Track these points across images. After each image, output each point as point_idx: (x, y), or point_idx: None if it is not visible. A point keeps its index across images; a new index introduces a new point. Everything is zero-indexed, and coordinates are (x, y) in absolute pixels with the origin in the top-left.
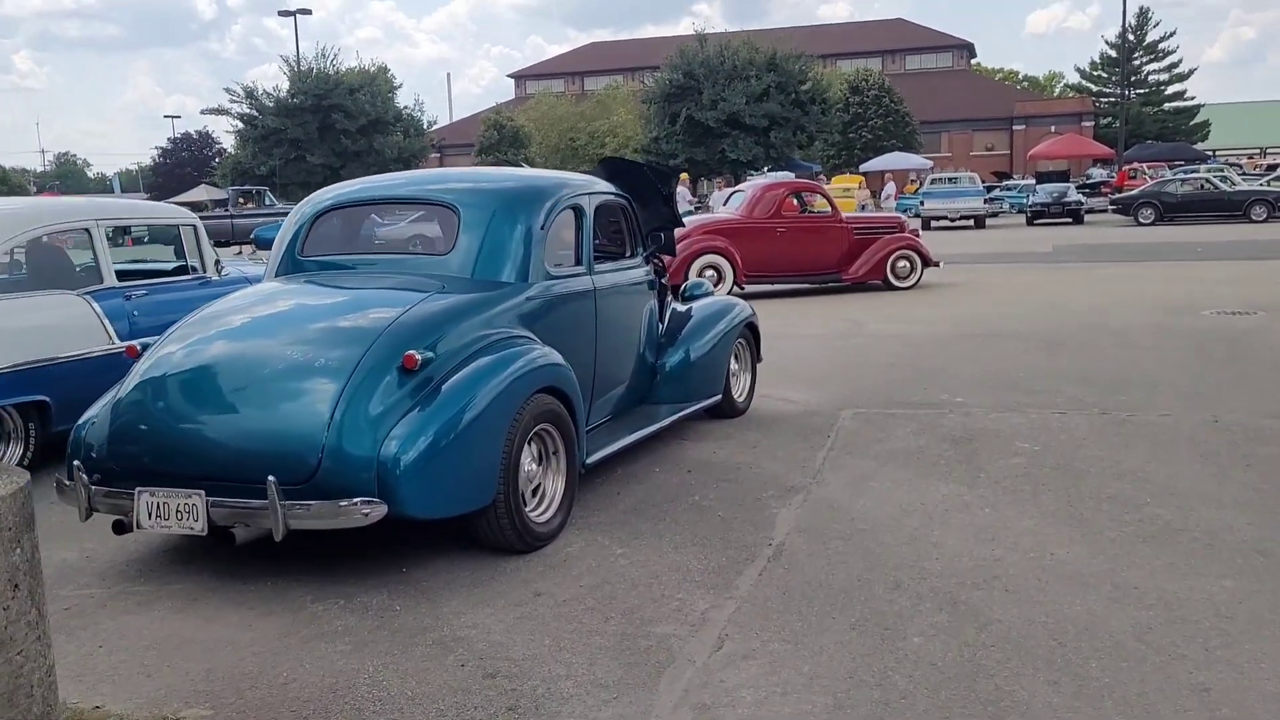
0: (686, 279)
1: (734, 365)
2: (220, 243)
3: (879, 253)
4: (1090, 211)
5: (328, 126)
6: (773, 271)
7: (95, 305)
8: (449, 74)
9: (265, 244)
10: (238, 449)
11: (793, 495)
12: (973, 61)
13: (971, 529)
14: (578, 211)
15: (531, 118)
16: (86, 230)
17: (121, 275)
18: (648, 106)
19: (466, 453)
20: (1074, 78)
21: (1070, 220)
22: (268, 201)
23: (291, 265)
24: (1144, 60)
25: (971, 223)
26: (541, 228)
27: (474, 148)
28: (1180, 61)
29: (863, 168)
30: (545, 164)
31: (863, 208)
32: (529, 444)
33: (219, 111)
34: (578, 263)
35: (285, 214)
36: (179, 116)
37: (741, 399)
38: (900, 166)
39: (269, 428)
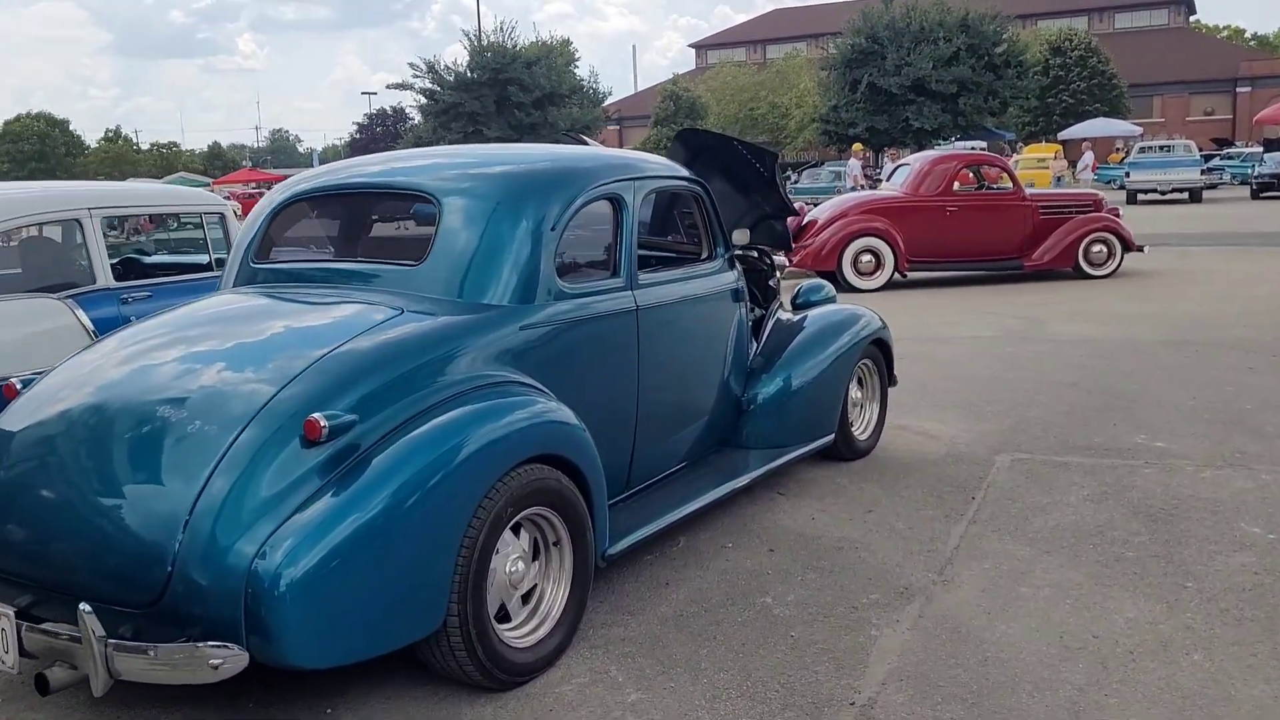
0: (840, 266)
1: (856, 393)
2: None
3: (1069, 235)
4: None
5: (504, 100)
6: (941, 256)
7: (79, 312)
8: (634, 46)
9: None
10: (67, 553)
11: (905, 604)
12: (1191, 19)
13: (1170, 694)
14: (616, 204)
15: (710, 88)
16: (77, 221)
17: (152, 270)
18: (827, 74)
19: (393, 564)
20: None
21: None
22: None
23: (245, 274)
24: None
25: (1186, 196)
26: (552, 227)
27: (649, 119)
28: None
29: (1061, 135)
30: None
31: (1059, 180)
32: (518, 533)
33: (402, 86)
34: (613, 273)
35: None
36: (375, 93)
37: (865, 436)
38: (1103, 134)
39: (108, 524)
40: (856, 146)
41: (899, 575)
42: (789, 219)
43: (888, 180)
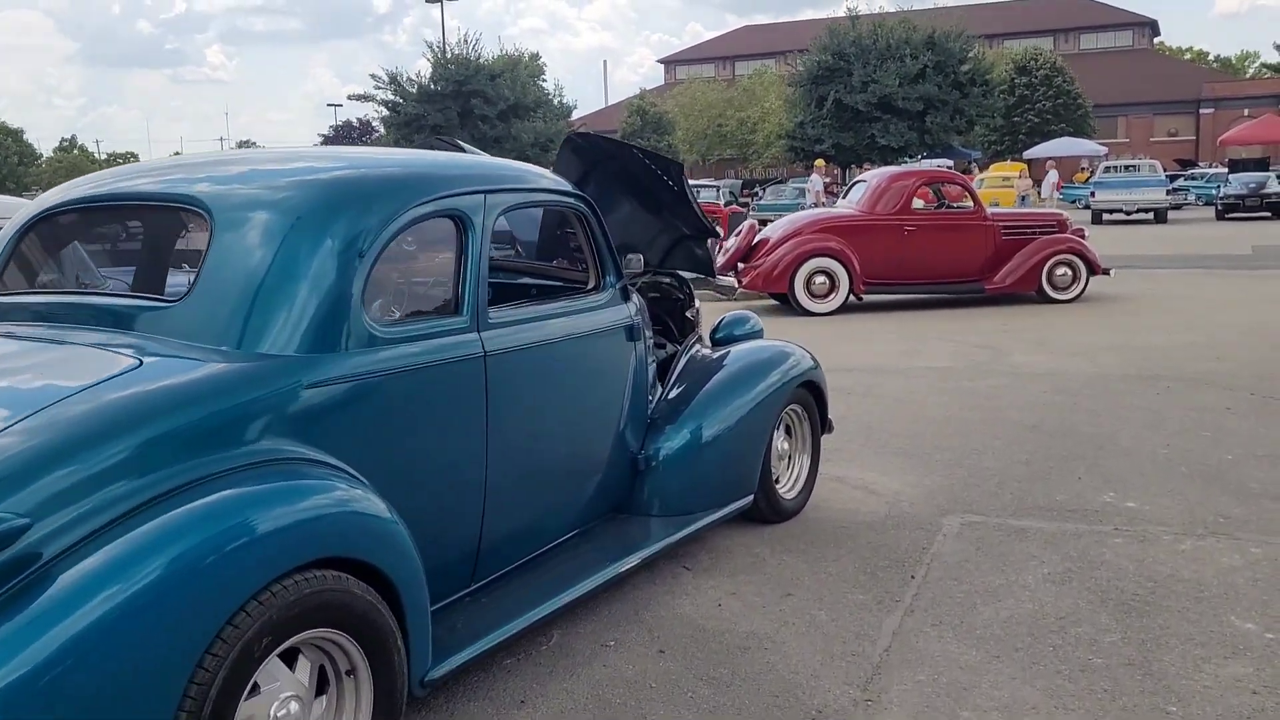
0: (792, 288)
1: (782, 444)
2: None
3: (1033, 257)
4: None
5: (468, 112)
6: (898, 278)
7: None
8: (605, 61)
9: None
10: None
11: None
12: (1155, 40)
13: None
14: (460, 223)
15: (679, 103)
16: None
17: None
18: (793, 90)
19: None
20: (1271, 56)
21: (1270, 215)
22: None
23: None
24: None
25: (1151, 216)
26: (362, 253)
27: (616, 133)
28: None
29: (1027, 154)
30: (690, 151)
31: (1023, 199)
32: (294, 662)
33: (364, 98)
34: (454, 310)
35: None
36: (340, 105)
37: (793, 494)
38: (1069, 153)
39: None
40: (819, 162)
41: (813, 690)
42: (711, 240)
43: (844, 198)
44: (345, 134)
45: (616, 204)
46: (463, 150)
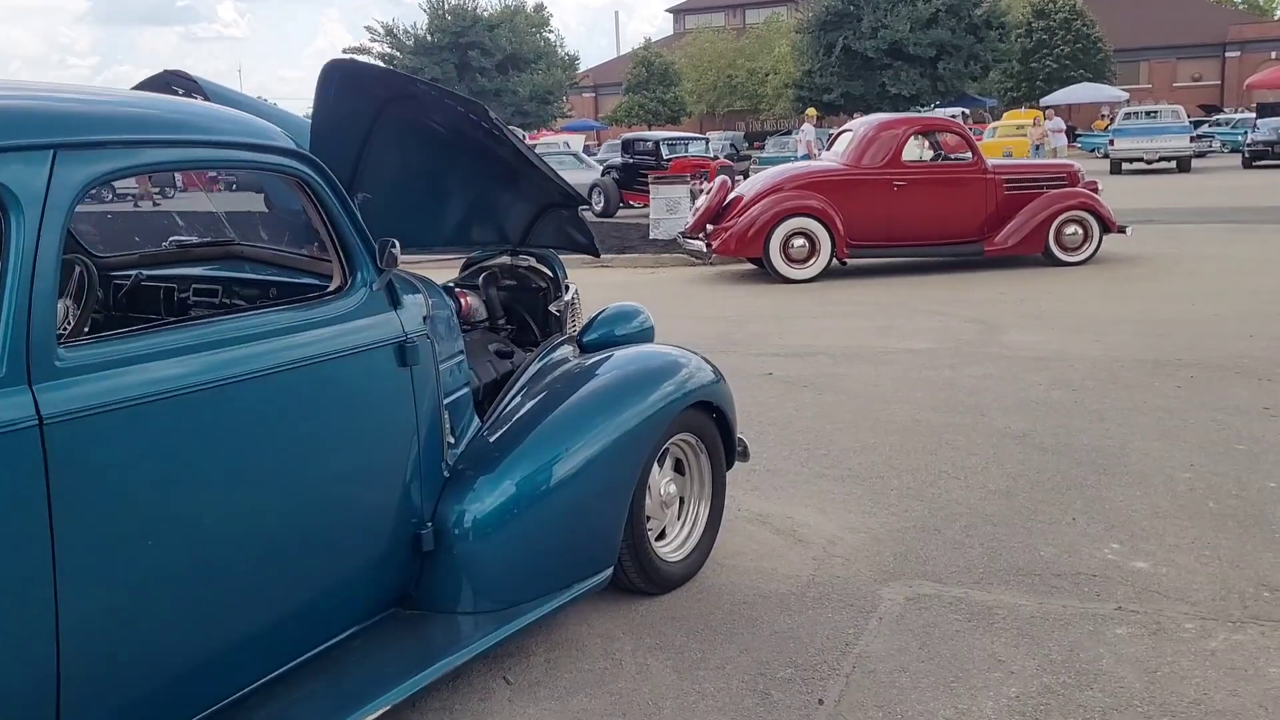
0: (767, 252)
1: (668, 486)
2: None
3: (1038, 215)
4: None
5: (465, 65)
6: (886, 240)
7: None
8: (617, 12)
9: None
10: None
11: None
12: None
13: None
14: None
15: (688, 54)
16: None
17: None
18: (801, 37)
19: None
20: None
21: None
22: None
23: None
24: None
25: (1174, 165)
26: None
27: (622, 86)
28: None
29: (1044, 101)
30: (698, 103)
31: (1037, 149)
32: None
33: (359, 51)
34: None
35: None
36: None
37: (680, 555)
38: (1088, 100)
39: None
40: (809, 111)
41: None
42: (583, 208)
43: (828, 149)
44: None
45: (433, 164)
46: (191, 91)
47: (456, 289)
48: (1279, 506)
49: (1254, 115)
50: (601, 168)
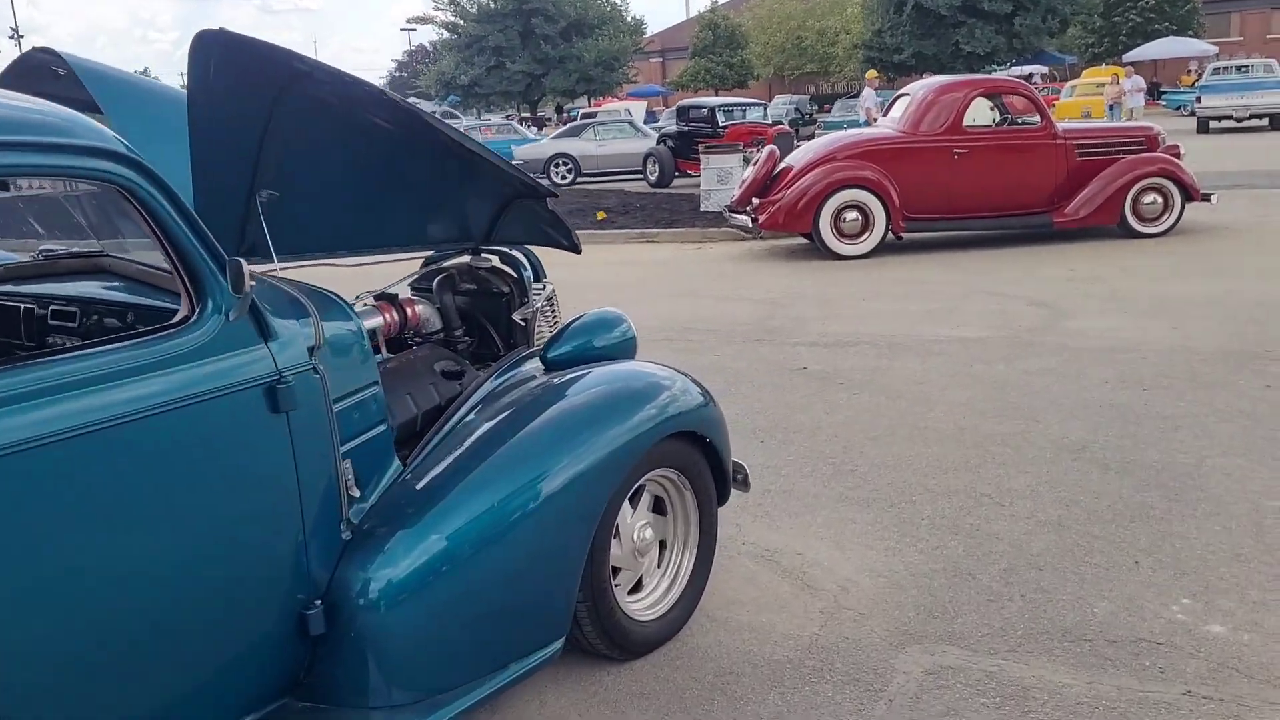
0: (818, 226)
1: (642, 530)
2: None
3: (1114, 183)
4: None
5: (529, 32)
6: (946, 212)
7: None
8: None
9: None
10: None
11: None
12: None
13: None
14: None
15: (755, 16)
16: None
17: None
18: None
19: None
20: None
21: None
22: None
23: None
24: None
25: (1266, 123)
26: None
27: (688, 50)
28: None
29: (1127, 57)
30: (766, 65)
31: (1111, 108)
32: None
33: (423, 20)
34: None
35: None
36: (415, 29)
37: (655, 613)
38: (1175, 54)
39: None
40: (870, 73)
41: None
42: (549, 199)
43: (884, 115)
44: (419, 58)
45: (363, 155)
46: (58, 68)
47: (403, 297)
48: None
49: None
50: (657, 135)
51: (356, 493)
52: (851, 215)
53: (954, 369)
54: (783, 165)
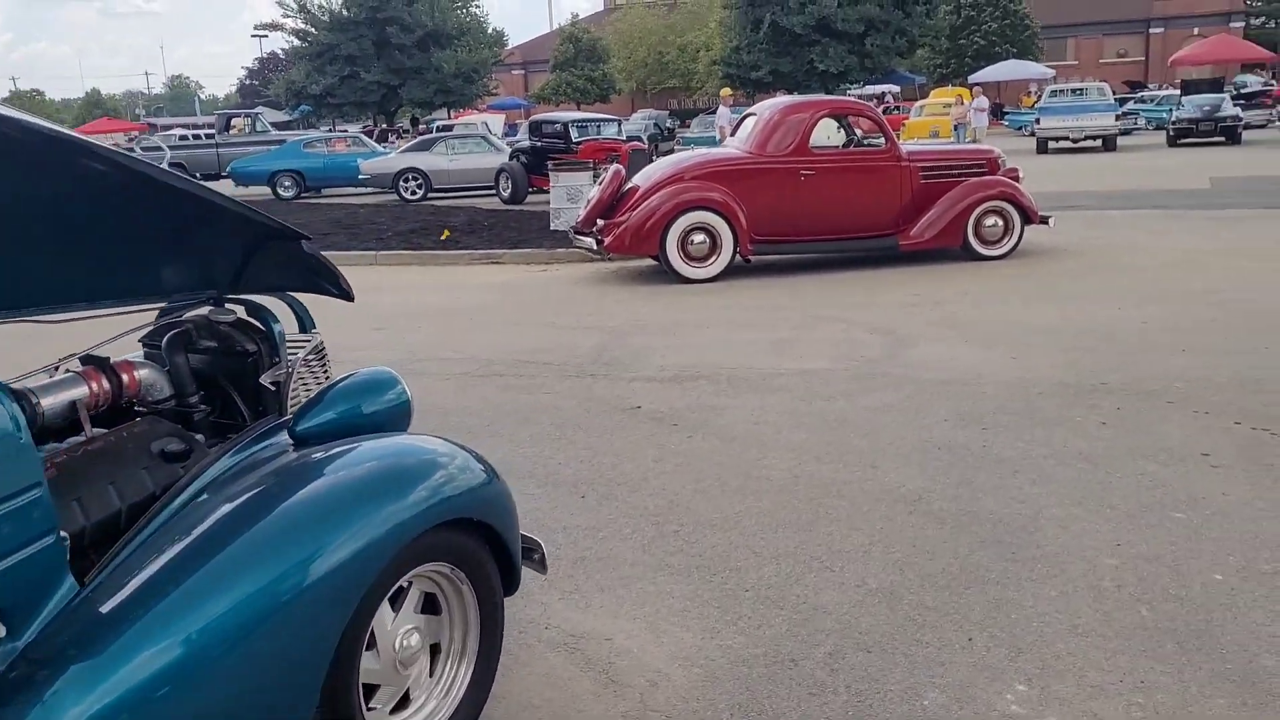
0: (664, 249)
1: (404, 640)
2: (206, 176)
3: (957, 205)
4: (1248, 128)
5: (384, 41)
6: (793, 234)
7: None
8: None
9: (243, 179)
10: None
11: None
12: None
13: None
14: None
15: (616, 30)
16: None
17: None
18: (729, 13)
19: None
20: None
21: (1224, 140)
22: (259, 128)
23: None
24: None
25: (1099, 144)
26: None
27: (549, 63)
28: None
29: (972, 79)
30: (628, 80)
31: (957, 129)
32: None
33: (272, 27)
34: None
35: (279, 142)
36: (266, 35)
37: None
38: (1016, 76)
39: None
40: (725, 91)
41: None
42: (306, 243)
43: (733, 134)
44: (271, 65)
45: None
46: None
47: (118, 360)
48: (1229, 614)
49: (1178, 92)
50: (510, 150)
51: (2, 630)
52: (699, 238)
53: (793, 406)
54: (630, 185)
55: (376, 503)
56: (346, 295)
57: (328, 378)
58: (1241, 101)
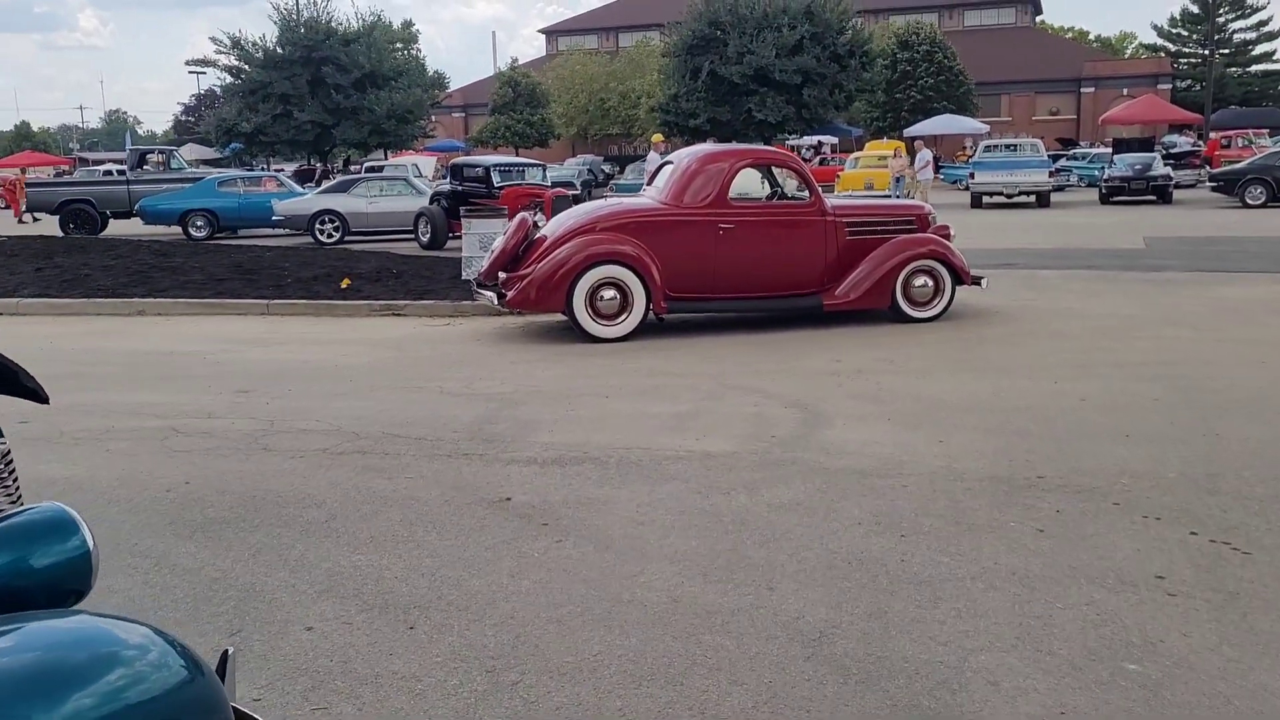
0: (571, 305)
1: None
2: (117, 214)
3: (885, 264)
4: (1179, 187)
5: (319, 81)
6: (710, 292)
7: None
8: (495, 32)
9: (152, 218)
10: None
11: None
12: (1038, 19)
13: None
14: None
15: (558, 75)
16: None
17: None
18: (668, 61)
19: None
20: (1149, 37)
21: (1155, 198)
22: (175, 164)
23: None
24: (1229, 17)
25: (1033, 200)
26: None
27: (488, 106)
28: (1270, 19)
29: (909, 132)
30: (568, 126)
31: (898, 181)
32: None
33: (205, 63)
34: None
35: (194, 179)
36: (204, 71)
37: None
38: (951, 131)
39: None
40: (656, 138)
41: None
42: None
43: (648, 184)
44: (207, 102)
45: None
46: None
47: None
48: None
49: (1109, 150)
50: (430, 194)
51: None
52: (609, 294)
53: (686, 501)
54: (539, 234)
55: (24, 713)
56: (38, 397)
57: (18, 495)
58: (1171, 161)
